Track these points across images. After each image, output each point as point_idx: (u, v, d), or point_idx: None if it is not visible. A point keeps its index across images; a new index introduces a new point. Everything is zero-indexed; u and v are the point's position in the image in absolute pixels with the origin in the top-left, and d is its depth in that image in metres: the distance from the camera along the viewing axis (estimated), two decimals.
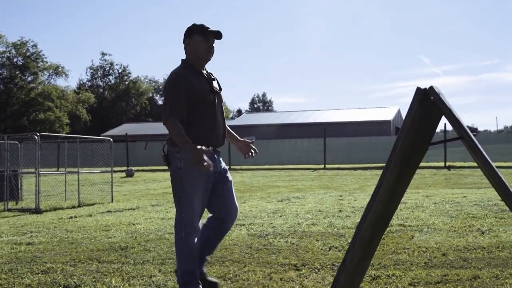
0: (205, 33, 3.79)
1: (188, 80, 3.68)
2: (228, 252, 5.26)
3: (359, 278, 2.88)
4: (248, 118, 54.08)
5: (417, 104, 2.22)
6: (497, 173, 2.21)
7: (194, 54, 3.82)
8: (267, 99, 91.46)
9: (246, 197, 11.04)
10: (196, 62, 3.83)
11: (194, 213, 3.73)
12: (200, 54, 3.81)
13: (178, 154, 3.71)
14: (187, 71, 3.75)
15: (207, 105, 3.75)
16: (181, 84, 3.65)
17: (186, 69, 3.78)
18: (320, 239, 5.88)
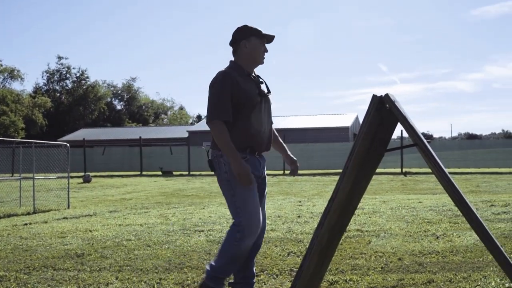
0: (263, 37, 3.73)
1: (236, 81, 3.58)
2: (186, 259, 5.23)
3: (316, 283, 2.90)
4: None
5: (373, 111, 2.26)
6: (450, 179, 2.26)
7: (250, 57, 3.73)
8: None
9: (205, 203, 11.00)
10: (248, 64, 3.75)
11: (251, 215, 3.55)
12: (256, 58, 3.73)
13: (222, 158, 3.61)
14: (234, 72, 3.65)
15: (254, 108, 3.64)
16: (228, 84, 3.55)
17: (234, 70, 3.68)
18: (278, 244, 5.89)
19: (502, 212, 8.06)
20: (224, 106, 3.53)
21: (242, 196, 3.56)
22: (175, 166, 29.07)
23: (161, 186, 17.59)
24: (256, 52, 3.72)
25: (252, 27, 3.75)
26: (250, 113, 3.62)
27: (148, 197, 12.92)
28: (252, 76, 3.76)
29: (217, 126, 3.51)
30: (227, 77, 3.58)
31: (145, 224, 7.82)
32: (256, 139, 3.68)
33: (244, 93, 3.57)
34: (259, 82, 3.79)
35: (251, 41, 3.71)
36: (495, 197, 10.68)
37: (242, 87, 3.58)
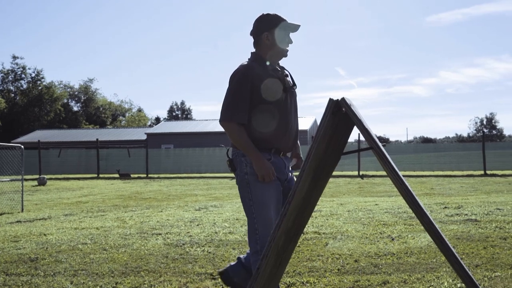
0: (287, 27, 3.47)
1: (257, 76, 3.35)
2: (143, 262, 5.18)
3: (273, 285, 2.92)
4: (166, 126, 53.54)
5: (330, 114, 2.28)
6: (404, 182, 2.31)
7: (273, 49, 3.48)
8: (186, 107, 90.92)
9: (163, 206, 10.92)
10: (271, 57, 3.50)
11: (268, 223, 3.29)
12: (280, 50, 3.48)
13: (243, 158, 3.37)
14: (257, 65, 3.42)
15: (278, 104, 3.39)
16: (247, 81, 3.33)
17: (256, 63, 3.45)
18: (237, 247, 5.90)
19: (455, 214, 8.25)
20: (239, 107, 3.33)
21: (260, 202, 3.33)
22: (132, 169, 28.77)
23: (118, 189, 17.38)
24: (279, 44, 3.46)
25: (274, 16, 3.49)
26: (275, 110, 3.38)
27: (105, 200, 12.75)
28: (277, 69, 3.51)
29: (231, 127, 3.31)
30: (248, 72, 3.36)
31: (102, 227, 7.71)
32: (281, 139, 3.42)
33: (266, 89, 3.34)
34: (284, 76, 3.52)
35: (273, 32, 3.45)
36: (448, 200, 10.92)
37: (265, 82, 3.35)
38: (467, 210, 8.73)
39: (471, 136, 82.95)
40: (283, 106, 3.41)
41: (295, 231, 2.49)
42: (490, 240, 5.91)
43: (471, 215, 8.05)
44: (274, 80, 3.39)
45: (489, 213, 8.20)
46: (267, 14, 3.50)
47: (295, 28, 3.50)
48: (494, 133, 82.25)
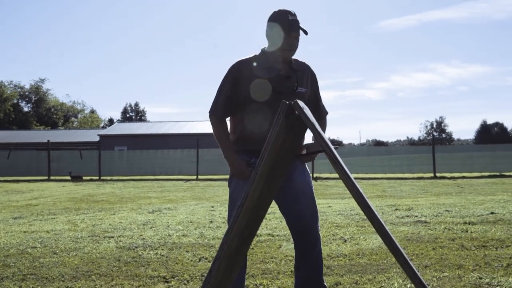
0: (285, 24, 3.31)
1: (247, 73, 3.32)
2: (95, 266, 5.10)
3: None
4: (119, 127, 52.89)
5: (282, 117, 2.30)
6: (355, 184, 2.34)
7: (273, 46, 3.40)
8: (140, 109, 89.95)
9: (116, 209, 10.77)
10: (273, 54, 3.42)
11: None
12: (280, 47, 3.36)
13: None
14: (255, 62, 3.37)
15: (269, 105, 3.28)
16: (231, 78, 3.34)
17: (257, 59, 3.40)
18: (190, 250, 5.87)
19: (405, 215, 8.42)
20: (219, 102, 3.38)
21: (230, 198, 3.49)
22: (85, 171, 28.28)
23: (70, 191, 17.06)
24: (278, 41, 3.35)
25: (279, 12, 3.36)
26: (266, 111, 3.29)
27: (56, 203, 12.49)
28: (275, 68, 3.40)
29: (211, 121, 3.38)
30: (235, 69, 3.37)
31: (52, 230, 7.56)
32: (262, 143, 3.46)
33: (253, 88, 3.28)
34: (286, 77, 3.41)
35: (273, 28, 3.35)
36: (399, 202, 11.14)
37: (253, 81, 3.30)
38: (417, 212, 8.92)
39: (422, 140, 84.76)
40: (268, 109, 3.31)
41: (248, 233, 2.49)
42: (439, 241, 6.06)
43: (421, 216, 8.22)
44: (262, 80, 3.33)
45: (438, 215, 8.39)
46: (279, 9, 3.40)
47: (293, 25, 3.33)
48: (443, 137, 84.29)
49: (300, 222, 3.46)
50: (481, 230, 6.77)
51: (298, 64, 3.55)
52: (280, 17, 3.32)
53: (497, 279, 4.23)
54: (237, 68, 3.38)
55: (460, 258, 5.11)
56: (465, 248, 5.60)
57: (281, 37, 3.33)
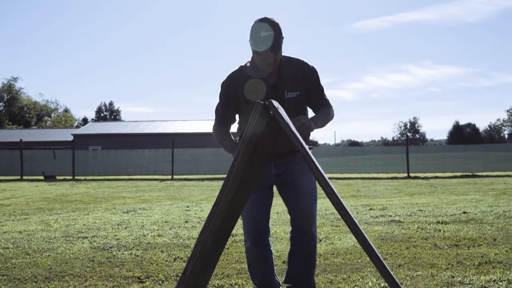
0: (252, 37, 3.24)
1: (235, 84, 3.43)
2: (68, 267, 5.05)
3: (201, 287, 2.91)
4: (94, 127, 52.42)
5: (257, 117, 2.31)
6: (329, 184, 2.36)
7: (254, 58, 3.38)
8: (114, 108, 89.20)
9: (90, 209, 10.68)
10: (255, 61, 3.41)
11: (244, 221, 3.59)
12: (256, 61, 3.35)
13: None
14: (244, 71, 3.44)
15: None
16: (223, 90, 3.50)
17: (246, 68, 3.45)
18: (165, 250, 5.85)
19: (379, 215, 8.49)
20: (218, 111, 3.55)
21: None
22: (58, 171, 27.94)
23: (43, 191, 16.86)
24: (254, 56, 3.36)
25: (253, 24, 3.27)
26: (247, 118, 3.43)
27: (29, 203, 12.33)
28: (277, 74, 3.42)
29: (213, 131, 3.55)
30: (225, 81, 3.52)
31: (25, 231, 7.46)
32: None
33: (247, 88, 3.41)
34: (273, 86, 3.43)
35: (249, 42, 3.30)
36: (373, 201, 11.23)
37: (240, 91, 3.42)
38: (391, 211, 9.01)
39: (396, 140, 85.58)
40: None
41: (224, 233, 2.50)
42: (413, 240, 6.13)
43: (395, 216, 8.31)
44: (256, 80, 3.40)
45: (412, 214, 8.49)
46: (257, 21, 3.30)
47: (257, 49, 3.26)
48: (417, 137, 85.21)
49: (295, 220, 3.59)
50: (453, 229, 6.86)
51: (291, 64, 3.50)
52: (253, 33, 3.25)
53: (469, 278, 4.29)
54: (224, 82, 3.53)
55: (433, 257, 5.18)
56: (438, 247, 5.67)
57: (254, 54, 3.34)
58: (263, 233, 3.56)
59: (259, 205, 3.54)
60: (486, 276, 4.34)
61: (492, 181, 18.71)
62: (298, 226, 3.57)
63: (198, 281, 2.62)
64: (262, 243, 3.55)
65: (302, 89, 3.50)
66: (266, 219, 3.58)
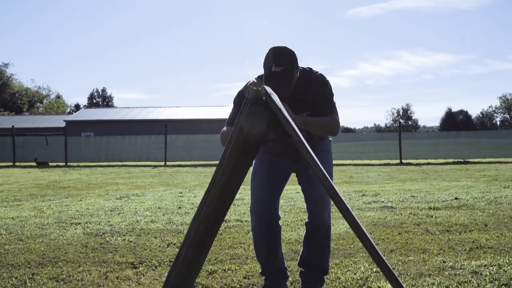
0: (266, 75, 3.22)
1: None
2: (61, 252, 5.05)
3: (193, 273, 2.93)
4: (86, 113, 52.22)
5: (250, 103, 2.31)
6: (322, 170, 2.37)
7: None
8: (107, 94, 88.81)
9: (83, 195, 10.67)
10: None
11: (254, 201, 3.62)
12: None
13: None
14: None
15: None
16: (235, 105, 3.54)
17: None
18: (158, 236, 5.86)
19: (372, 201, 8.54)
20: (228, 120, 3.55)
21: (251, 185, 3.67)
22: (51, 157, 27.87)
23: (36, 177, 16.82)
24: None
25: (267, 53, 3.26)
26: None
27: (21, 189, 12.31)
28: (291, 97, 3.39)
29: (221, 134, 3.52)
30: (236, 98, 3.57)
31: (18, 217, 7.45)
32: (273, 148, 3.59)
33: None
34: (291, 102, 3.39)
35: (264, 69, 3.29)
36: (366, 187, 11.28)
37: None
38: (384, 197, 9.06)
39: (388, 126, 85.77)
40: None
41: (216, 219, 2.51)
42: (405, 226, 6.16)
43: (387, 202, 8.35)
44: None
45: (404, 200, 8.53)
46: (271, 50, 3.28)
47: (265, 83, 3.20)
48: (409, 124, 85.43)
49: (310, 206, 3.66)
50: (445, 215, 6.91)
51: (307, 84, 3.48)
52: (265, 63, 3.24)
53: (460, 263, 4.33)
54: (237, 99, 3.55)
55: (424, 242, 5.21)
56: (430, 233, 5.71)
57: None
58: (270, 214, 3.62)
59: (269, 189, 3.62)
60: (477, 261, 4.38)
61: (484, 167, 18.81)
62: (312, 212, 3.64)
63: (191, 267, 2.63)
64: (269, 223, 3.62)
65: (313, 107, 3.49)
66: (274, 203, 3.65)
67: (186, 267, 2.44)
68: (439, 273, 4.06)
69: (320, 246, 3.70)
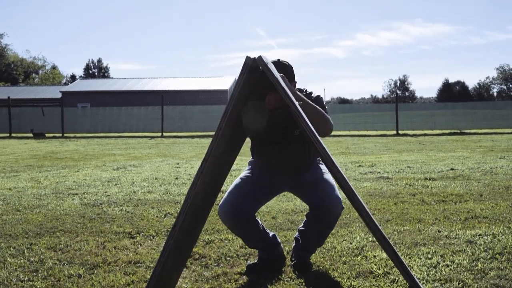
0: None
1: None
2: (59, 223, 5.08)
3: (190, 243, 2.94)
4: (82, 84, 51.93)
5: (247, 72, 2.29)
6: (319, 140, 2.37)
7: None
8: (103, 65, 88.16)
9: (80, 166, 10.68)
10: None
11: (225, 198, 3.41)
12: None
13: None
14: None
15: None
16: None
17: None
18: (155, 206, 5.88)
19: (368, 172, 8.56)
20: None
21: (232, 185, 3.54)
22: (47, 128, 27.83)
23: (33, 148, 16.81)
24: None
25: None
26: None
27: (18, 160, 12.31)
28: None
29: None
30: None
31: (15, 188, 7.47)
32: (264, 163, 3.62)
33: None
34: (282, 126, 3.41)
35: None
36: (363, 158, 11.31)
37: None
38: (380, 168, 9.09)
39: (385, 98, 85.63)
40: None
41: (213, 189, 2.51)
42: (401, 196, 6.20)
43: (384, 173, 8.38)
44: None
45: (400, 171, 8.57)
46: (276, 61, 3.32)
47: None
48: (406, 95, 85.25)
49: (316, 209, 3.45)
50: (441, 185, 6.94)
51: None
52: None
53: (455, 232, 4.37)
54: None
55: (420, 212, 5.25)
56: (425, 203, 5.75)
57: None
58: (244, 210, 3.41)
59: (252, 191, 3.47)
60: (472, 230, 4.42)
61: (480, 138, 18.85)
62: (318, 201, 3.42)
63: (187, 236, 2.65)
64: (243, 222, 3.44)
65: None
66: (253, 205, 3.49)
67: (183, 237, 2.45)
68: (434, 242, 4.09)
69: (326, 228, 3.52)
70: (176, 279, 3.12)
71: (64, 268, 3.65)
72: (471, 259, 3.60)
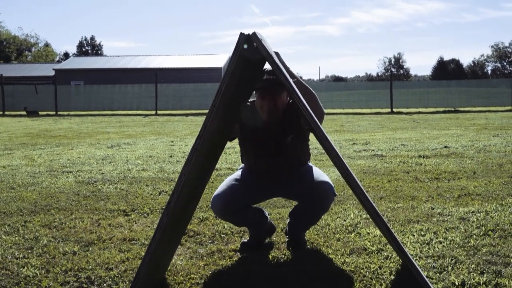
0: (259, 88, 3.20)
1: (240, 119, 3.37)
2: (53, 200, 5.08)
3: (185, 220, 2.95)
4: (75, 61, 51.57)
5: (241, 49, 2.28)
6: (313, 117, 2.36)
7: None
8: (96, 43, 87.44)
9: (74, 144, 10.66)
10: None
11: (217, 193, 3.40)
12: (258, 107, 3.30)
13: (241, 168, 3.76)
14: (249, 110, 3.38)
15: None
16: None
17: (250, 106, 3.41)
18: (150, 184, 5.89)
19: (362, 149, 8.58)
20: None
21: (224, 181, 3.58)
22: (41, 106, 27.68)
23: (26, 126, 16.75)
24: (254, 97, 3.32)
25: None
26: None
27: (12, 138, 12.27)
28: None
29: None
30: None
31: (9, 166, 7.45)
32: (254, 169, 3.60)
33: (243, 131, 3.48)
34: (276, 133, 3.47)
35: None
36: (357, 136, 11.32)
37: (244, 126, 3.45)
38: (374, 146, 9.11)
39: (380, 75, 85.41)
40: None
41: (207, 167, 2.51)
42: (394, 174, 6.22)
43: (378, 150, 8.40)
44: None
45: (394, 149, 8.59)
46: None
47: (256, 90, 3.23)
48: (401, 73, 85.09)
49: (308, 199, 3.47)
50: (434, 163, 6.97)
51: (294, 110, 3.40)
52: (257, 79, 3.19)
53: (448, 209, 4.40)
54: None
55: (414, 189, 5.27)
56: (419, 180, 5.78)
57: (254, 95, 3.29)
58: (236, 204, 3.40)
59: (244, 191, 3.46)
60: (465, 207, 4.45)
61: (474, 116, 18.89)
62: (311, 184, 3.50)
63: (182, 213, 2.65)
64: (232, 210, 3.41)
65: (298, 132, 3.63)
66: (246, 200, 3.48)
67: (178, 214, 2.46)
68: (427, 219, 4.12)
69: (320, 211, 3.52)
70: (171, 256, 3.13)
71: (59, 245, 3.66)
72: (464, 236, 3.63)
